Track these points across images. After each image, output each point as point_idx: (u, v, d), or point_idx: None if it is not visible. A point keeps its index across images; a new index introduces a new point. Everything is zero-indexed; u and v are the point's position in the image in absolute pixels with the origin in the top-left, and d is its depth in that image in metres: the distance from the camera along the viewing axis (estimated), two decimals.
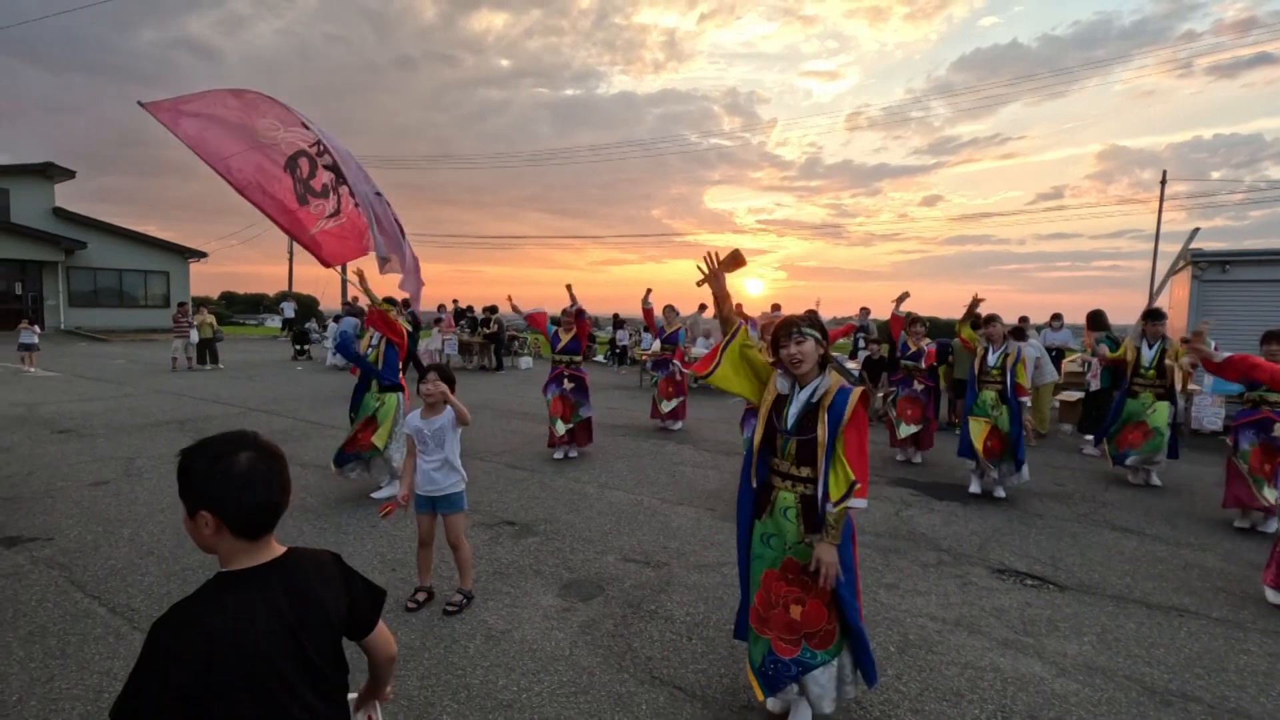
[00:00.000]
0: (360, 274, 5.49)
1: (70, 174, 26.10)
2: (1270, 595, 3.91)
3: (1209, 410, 9.21)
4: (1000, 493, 5.98)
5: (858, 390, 2.49)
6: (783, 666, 2.55)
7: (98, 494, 5.48)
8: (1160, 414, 6.28)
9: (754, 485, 2.66)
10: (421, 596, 3.65)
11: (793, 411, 2.53)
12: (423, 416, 3.56)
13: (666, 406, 8.93)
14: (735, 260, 2.75)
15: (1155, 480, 6.48)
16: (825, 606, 2.51)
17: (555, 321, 7.44)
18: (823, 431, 2.45)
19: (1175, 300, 12.75)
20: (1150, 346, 6.46)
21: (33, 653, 3.06)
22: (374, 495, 5.54)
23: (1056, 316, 12.06)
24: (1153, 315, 6.45)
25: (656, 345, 9.48)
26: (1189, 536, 5.06)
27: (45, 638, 3.20)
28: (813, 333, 2.53)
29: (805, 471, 2.52)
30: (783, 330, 2.57)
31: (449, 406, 3.55)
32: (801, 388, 2.55)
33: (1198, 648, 3.38)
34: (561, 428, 6.95)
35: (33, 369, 13.69)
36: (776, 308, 10.18)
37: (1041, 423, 8.96)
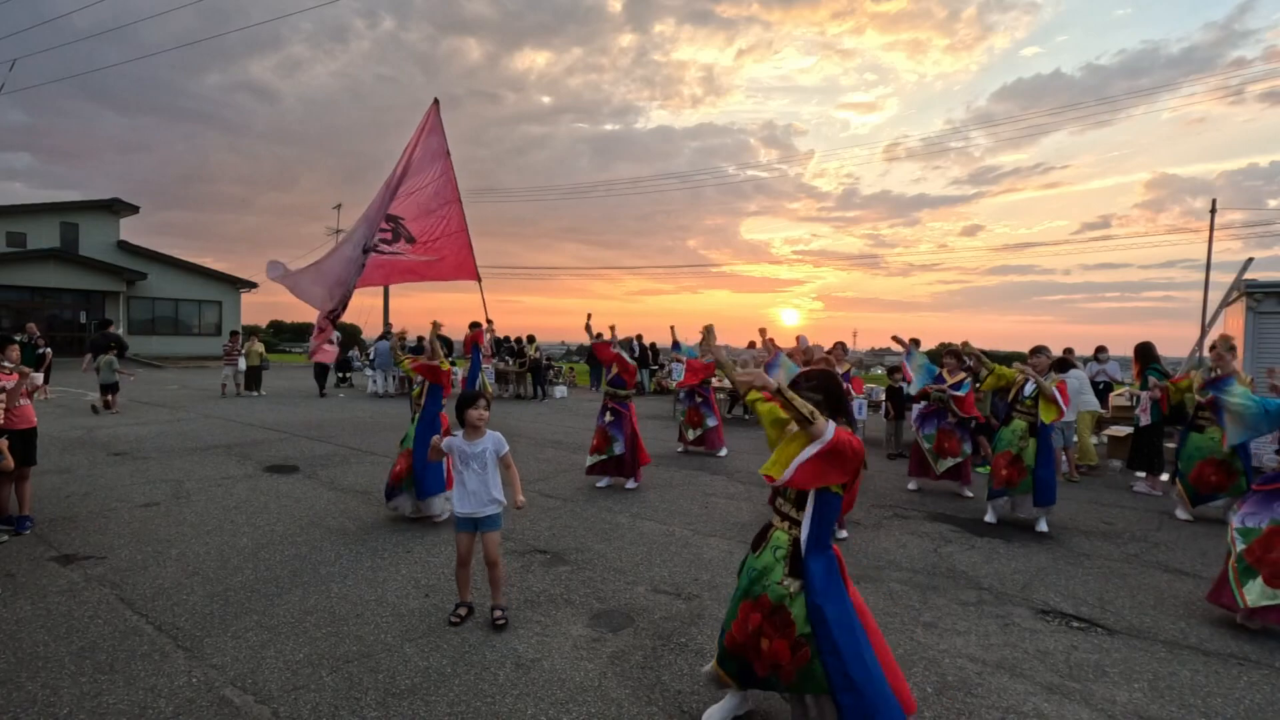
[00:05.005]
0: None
1: (134, 209, 27.60)
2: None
3: (1269, 449, 8.78)
4: (1042, 526, 5.87)
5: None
6: (751, 676, 2.70)
7: (149, 515, 5.68)
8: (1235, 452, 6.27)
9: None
10: (463, 612, 3.77)
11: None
12: (465, 438, 3.77)
13: (692, 434, 9.30)
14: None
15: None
16: (789, 647, 2.55)
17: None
18: None
19: (1229, 332, 12.27)
20: None
21: (83, 667, 3.18)
22: (436, 520, 5.66)
23: (1101, 349, 11.82)
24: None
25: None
26: None
27: (96, 653, 3.32)
28: (814, 396, 2.68)
29: (801, 514, 2.65)
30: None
31: (490, 433, 3.84)
32: None
33: (1259, 698, 3.20)
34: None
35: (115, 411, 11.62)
36: (800, 338, 10.08)
37: (1084, 454, 8.68)
